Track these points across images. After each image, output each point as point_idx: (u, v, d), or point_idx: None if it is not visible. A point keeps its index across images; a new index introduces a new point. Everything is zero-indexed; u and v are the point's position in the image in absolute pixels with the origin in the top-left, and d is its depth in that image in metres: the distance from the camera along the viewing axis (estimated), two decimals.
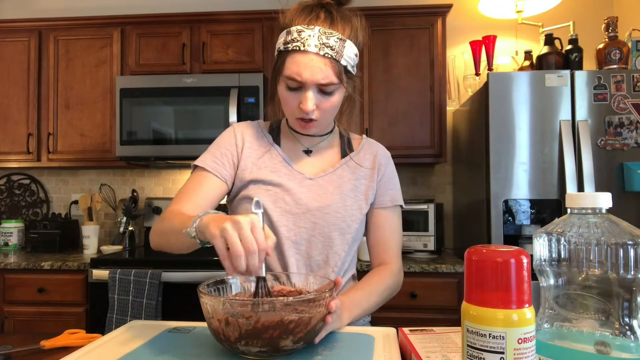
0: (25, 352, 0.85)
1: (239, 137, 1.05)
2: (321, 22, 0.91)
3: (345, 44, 0.91)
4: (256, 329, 0.65)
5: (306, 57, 0.89)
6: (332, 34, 0.90)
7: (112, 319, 2.04)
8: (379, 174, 1.07)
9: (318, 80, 0.89)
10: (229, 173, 1.02)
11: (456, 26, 2.74)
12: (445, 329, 0.80)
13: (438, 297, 2.10)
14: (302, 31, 0.90)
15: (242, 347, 0.66)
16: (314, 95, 0.92)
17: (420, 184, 2.77)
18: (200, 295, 0.69)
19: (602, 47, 2.09)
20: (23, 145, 2.61)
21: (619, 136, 1.95)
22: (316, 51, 0.88)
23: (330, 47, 0.89)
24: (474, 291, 0.51)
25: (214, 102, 2.42)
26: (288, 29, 0.92)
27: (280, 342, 0.66)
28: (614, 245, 0.53)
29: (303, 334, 0.68)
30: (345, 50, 0.91)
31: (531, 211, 2.09)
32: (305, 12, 0.92)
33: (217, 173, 1.01)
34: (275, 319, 0.65)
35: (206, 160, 1.02)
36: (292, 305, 0.66)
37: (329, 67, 0.89)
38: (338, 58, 0.90)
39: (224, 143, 1.05)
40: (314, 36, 0.89)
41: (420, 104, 2.45)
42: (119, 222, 2.66)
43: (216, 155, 1.03)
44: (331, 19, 0.91)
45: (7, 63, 2.64)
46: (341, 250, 1.02)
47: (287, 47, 0.91)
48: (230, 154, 1.03)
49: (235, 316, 0.65)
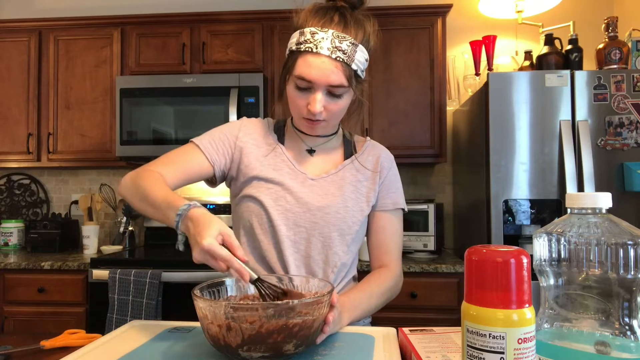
0: (25, 352, 0.85)
1: (244, 132, 1.06)
2: (335, 25, 0.91)
3: (357, 48, 0.91)
4: (260, 334, 0.63)
5: (318, 59, 0.89)
6: (345, 38, 0.90)
7: (112, 319, 2.04)
8: (381, 176, 1.07)
9: (329, 82, 0.90)
10: (219, 159, 1.03)
11: (456, 26, 2.74)
12: (445, 329, 0.80)
13: (438, 297, 2.10)
14: (315, 33, 0.90)
15: (244, 354, 0.64)
16: (323, 97, 0.92)
17: (420, 184, 2.77)
18: (196, 300, 0.67)
19: (602, 47, 2.09)
20: (23, 145, 2.61)
21: (619, 136, 1.95)
22: (328, 54, 0.89)
23: (342, 51, 0.89)
24: (474, 291, 0.51)
25: (214, 102, 2.42)
26: (301, 30, 0.92)
27: (283, 346, 0.65)
28: (614, 245, 0.53)
29: (306, 337, 0.67)
30: (357, 55, 0.91)
31: (531, 211, 2.09)
32: (320, 14, 0.92)
33: (208, 154, 1.02)
34: (280, 323, 0.63)
35: (202, 140, 1.03)
36: (297, 308, 0.64)
37: (340, 70, 0.90)
38: (349, 62, 0.90)
39: (226, 131, 1.06)
40: (327, 39, 0.89)
41: (420, 104, 2.45)
42: (119, 222, 2.66)
43: (214, 138, 1.04)
44: (345, 22, 0.92)
45: (7, 63, 2.64)
46: (340, 250, 1.02)
47: (299, 48, 0.91)
48: (227, 144, 1.04)
49: (237, 321, 0.63)
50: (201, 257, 0.73)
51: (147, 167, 0.98)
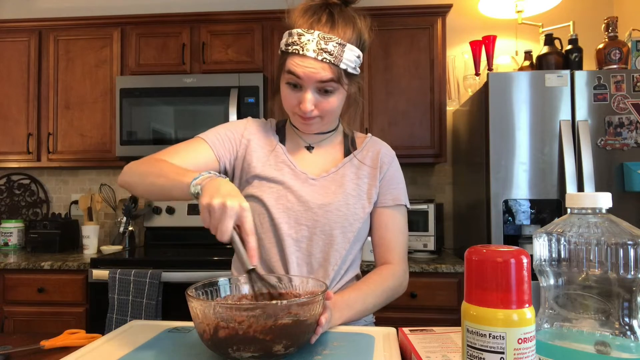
0: (25, 352, 0.85)
1: (248, 131, 1.07)
2: (322, 25, 0.91)
3: (344, 48, 0.91)
4: (248, 334, 0.63)
5: (304, 61, 0.90)
6: (331, 39, 0.90)
7: (112, 319, 2.04)
8: (381, 172, 1.07)
9: (316, 79, 0.91)
10: (225, 155, 1.03)
11: (456, 26, 2.74)
12: (445, 329, 0.80)
13: (438, 297, 2.10)
14: (302, 35, 0.91)
15: (234, 353, 0.64)
16: (313, 96, 0.93)
17: (420, 184, 2.77)
18: (189, 299, 0.67)
19: (602, 47, 2.09)
20: (23, 145, 2.61)
21: (619, 136, 1.95)
22: (314, 56, 0.89)
23: (328, 52, 0.89)
24: (474, 291, 0.51)
25: (214, 102, 2.42)
26: (290, 31, 0.93)
27: (273, 346, 0.64)
28: (614, 245, 0.53)
29: (296, 337, 0.66)
30: (345, 55, 0.91)
31: (531, 211, 2.09)
32: (308, 14, 0.93)
33: (215, 149, 1.02)
34: (269, 324, 0.63)
35: (209, 135, 1.04)
36: (286, 308, 0.64)
37: (328, 70, 0.90)
38: (337, 62, 0.90)
39: (232, 129, 1.07)
40: (312, 41, 0.90)
41: (420, 104, 2.45)
42: (119, 222, 2.66)
43: (220, 134, 1.04)
44: (332, 22, 0.91)
45: (7, 63, 2.64)
46: (342, 248, 1.01)
47: (287, 49, 0.93)
48: (233, 140, 1.05)
49: (226, 321, 0.63)
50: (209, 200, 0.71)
51: (153, 156, 0.97)
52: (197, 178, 0.79)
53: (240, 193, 0.75)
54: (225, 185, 0.75)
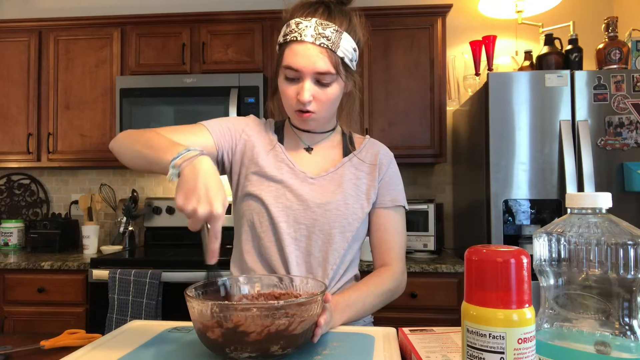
0: (25, 352, 0.85)
1: (249, 128, 1.07)
2: (319, 14, 0.94)
3: (341, 35, 0.93)
4: (244, 335, 0.63)
5: (303, 46, 0.92)
6: (328, 25, 0.92)
7: (112, 319, 2.04)
8: (380, 173, 1.07)
9: (315, 69, 0.92)
10: (224, 145, 1.04)
11: (456, 26, 2.74)
12: (445, 329, 0.80)
13: (438, 297, 2.10)
14: (299, 23, 0.93)
15: (231, 353, 0.64)
16: (311, 86, 0.94)
17: (420, 184, 2.77)
18: (188, 299, 0.67)
19: (602, 47, 2.09)
20: (23, 145, 2.61)
21: (619, 136, 1.95)
22: (312, 41, 0.91)
23: (326, 37, 0.91)
24: (474, 291, 0.51)
25: (214, 102, 2.42)
26: (287, 23, 0.95)
27: (269, 347, 0.64)
28: (614, 245, 0.53)
29: (293, 338, 0.66)
30: (342, 42, 0.93)
31: (531, 211, 2.09)
32: (305, 6, 0.96)
33: (215, 137, 1.02)
34: (265, 324, 0.63)
35: (210, 123, 1.04)
36: (283, 309, 0.64)
37: (326, 56, 0.92)
38: (334, 48, 0.92)
39: (234, 122, 1.07)
40: (310, 27, 0.92)
41: (420, 104, 2.45)
42: (119, 222, 2.66)
43: (222, 125, 1.05)
44: (329, 12, 0.94)
45: (7, 63, 2.64)
46: (341, 248, 1.01)
47: (285, 39, 0.94)
48: (234, 134, 1.05)
49: (223, 321, 0.63)
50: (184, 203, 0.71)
51: (147, 129, 0.95)
52: (177, 158, 0.76)
53: (218, 184, 0.73)
54: (204, 176, 0.72)
